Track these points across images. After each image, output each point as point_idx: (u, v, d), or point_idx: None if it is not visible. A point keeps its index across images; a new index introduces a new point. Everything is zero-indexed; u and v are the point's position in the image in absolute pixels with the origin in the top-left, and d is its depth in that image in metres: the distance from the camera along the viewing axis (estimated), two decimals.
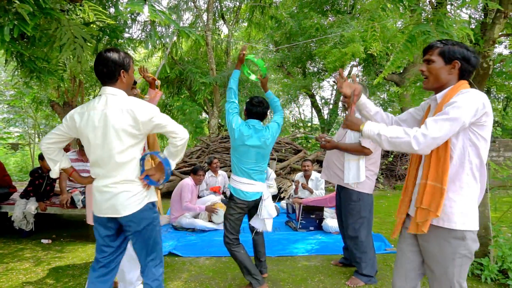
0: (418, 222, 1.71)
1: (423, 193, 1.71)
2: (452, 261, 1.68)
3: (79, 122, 2.01)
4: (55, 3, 2.79)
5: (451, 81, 1.76)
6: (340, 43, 8.89)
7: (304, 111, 29.59)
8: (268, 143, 2.92)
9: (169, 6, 11.32)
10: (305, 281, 3.24)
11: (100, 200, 2.04)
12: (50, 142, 2.09)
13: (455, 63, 1.72)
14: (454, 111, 1.60)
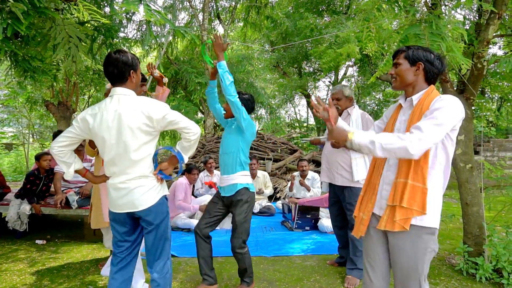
0: (396, 220, 1.73)
1: (402, 192, 1.74)
2: (423, 256, 1.75)
3: (92, 123, 2.06)
4: (49, 2, 2.77)
5: (417, 81, 1.88)
6: (336, 43, 8.90)
7: (300, 111, 29.59)
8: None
9: (165, 6, 11.28)
10: (301, 281, 3.24)
11: (116, 197, 2.12)
12: (61, 145, 2.13)
13: (419, 64, 1.85)
14: (444, 116, 1.68)
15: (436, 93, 1.82)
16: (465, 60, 2.61)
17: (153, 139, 2.14)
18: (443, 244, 4.30)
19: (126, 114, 2.02)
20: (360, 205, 1.99)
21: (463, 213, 3.48)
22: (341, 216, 3.43)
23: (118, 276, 2.22)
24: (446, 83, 3.38)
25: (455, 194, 7.77)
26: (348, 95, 3.34)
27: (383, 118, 2.10)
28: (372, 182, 1.96)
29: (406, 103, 1.91)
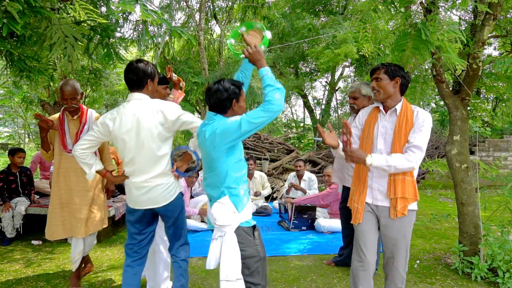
0: (398, 208, 2.17)
1: (400, 185, 2.17)
2: (409, 228, 2.26)
3: (112, 126, 2.23)
4: (45, 2, 2.76)
5: (395, 93, 2.24)
6: (333, 43, 8.92)
7: (296, 111, 29.68)
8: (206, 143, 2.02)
9: (161, 6, 11.26)
10: (298, 280, 3.24)
11: (137, 195, 2.29)
12: (83, 148, 2.31)
13: (397, 79, 2.22)
14: (427, 130, 2.17)
15: (408, 103, 2.26)
16: (460, 61, 2.63)
17: (169, 138, 2.32)
18: (438, 243, 4.32)
19: (144, 117, 2.19)
20: (353, 197, 2.36)
21: (459, 213, 3.50)
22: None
23: (134, 264, 2.43)
24: (442, 84, 3.40)
25: (451, 194, 7.81)
26: (366, 94, 3.21)
27: (357, 125, 2.41)
28: (361, 177, 2.32)
29: (390, 112, 2.26)
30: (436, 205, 6.88)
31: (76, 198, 2.94)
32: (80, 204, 2.94)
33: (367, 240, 2.33)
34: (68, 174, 2.94)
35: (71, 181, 2.94)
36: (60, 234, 2.95)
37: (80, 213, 2.93)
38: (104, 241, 4.40)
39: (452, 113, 3.44)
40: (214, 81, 2.06)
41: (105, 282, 3.20)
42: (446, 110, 11.03)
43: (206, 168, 2.13)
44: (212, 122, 2.02)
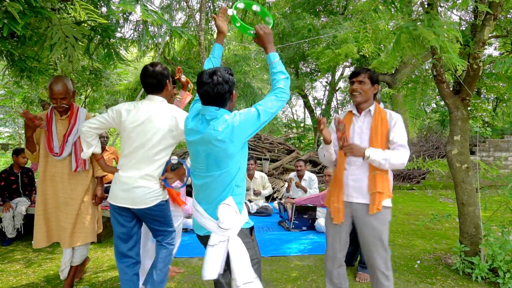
0: (376, 203, 2.26)
1: (377, 181, 2.28)
2: (384, 226, 2.31)
3: (126, 116, 2.28)
4: (45, 2, 2.76)
5: (371, 97, 2.40)
6: (333, 43, 8.92)
7: (297, 111, 29.68)
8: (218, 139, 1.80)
9: (162, 6, 11.27)
10: (298, 280, 3.24)
11: (118, 190, 2.30)
12: (91, 127, 2.35)
13: (376, 86, 2.40)
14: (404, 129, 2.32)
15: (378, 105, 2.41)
16: (460, 61, 2.62)
17: (171, 146, 2.35)
18: (439, 244, 4.32)
19: (157, 117, 2.25)
20: (332, 197, 2.45)
21: (459, 213, 3.50)
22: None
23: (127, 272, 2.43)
24: (442, 84, 3.39)
25: (451, 194, 7.81)
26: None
27: (332, 126, 2.52)
28: (338, 178, 2.42)
29: (364, 113, 2.41)
30: (436, 205, 6.87)
31: (61, 205, 2.76)
32: (66, 212, 2.75)
33: (341, 239, 2.45)
34: (54, 179, 2.76)
35: (57, 187, 2.76)
36: (43, 242, 2.78)
37: (66, 222, 2.74)
38: (105, 241, 4.40)
39: (453, 113, 3.44)
40: (209, 72, 1.83)
41: (106, 282, 3.20)
42: (446, 110, 11.00)
43: (209, 167, 1.87)
44: (219, 117, 1.83)
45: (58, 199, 2.76)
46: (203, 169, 1.91)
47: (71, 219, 2.75)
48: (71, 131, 2.75)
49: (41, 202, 2.78)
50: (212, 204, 1.91)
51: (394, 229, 4.97)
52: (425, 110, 13.83)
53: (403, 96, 3.61)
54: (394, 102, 9.15)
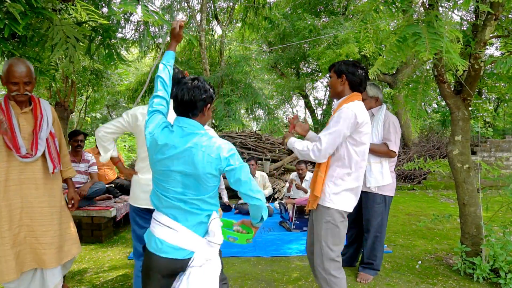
0: (310, 201, 2.37)
1: (314, 181, 2.35)
2: (321, 224, 2.31)
3: (141, 120, 2.30)
4: (46, 2, 2.76)
5: (344, 91, 2.33)
6: (334, 44, 8.92)
7: (297, 111, 29.62)
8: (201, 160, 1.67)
9: (163, 6, 11.27)
10: (299, 281, 3.24)
11: (139, 192, 2.32)
12: (107, 131, 2.37)
13: (343, 76, 2.31)
14: (335, 125, 2.22)
15: (351, 100, 2.27)
16: (462, 61, 2.62)
17: None
18: (440, 244, 4.31)
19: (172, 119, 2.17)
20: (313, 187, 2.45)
21: (461, 213, 3.49)
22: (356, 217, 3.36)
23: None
24: (443, 84, 3.39)
25: (453, 194, 7.80)
26: (373, 95, 3.26)
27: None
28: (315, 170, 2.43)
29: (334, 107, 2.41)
30: (437, 205, 6.86)
31: (38, 217, 2.25)
32: (46, 224, 2.28)
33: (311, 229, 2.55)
34: (24, 187, 2.22)
35: (30, 195, 2.24)
36: (12, 274, 2.14)
37: (46, 236, 2.26)
38: (106, 242, 4.40)
39: (454, 113, 3.43)
40: (192, 77, 1.78)
41: (107, 283, 3.20)
42: (447, 111, 10.99)
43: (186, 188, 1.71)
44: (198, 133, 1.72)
45: (32, 211, 2.24)
46: (178, 192, 1.71)
47: (55, 231, 2.31)
48: (40, 125, 2.30)
49: (4, 221, 2.14)
50: (198, 221, 1.74)
51: (395, 230, 4.96)
52: (426, 110, 13.82)
53: (404, 96, 3.60)
54: (395, 102, 9.15)
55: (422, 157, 6.89)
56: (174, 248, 1.69)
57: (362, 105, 2.30)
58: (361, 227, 3.36)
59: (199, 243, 1.71)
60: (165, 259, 1.69)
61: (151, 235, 1.77)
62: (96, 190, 4.53)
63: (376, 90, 3.29)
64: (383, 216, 3.23)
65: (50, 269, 2.30)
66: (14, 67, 2.19)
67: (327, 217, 2.30)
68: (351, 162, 2.27)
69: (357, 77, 2.29)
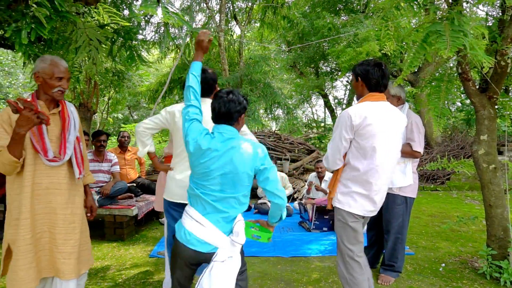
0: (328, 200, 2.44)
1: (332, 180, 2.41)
2: (337, 222, 2.37)
3: (179, 117, 2.42)
4: (71, 6, 2.84)
5: (363, 92, 2.32)
6: (354, 42, 8.80)
7: (317, 111, 29.44)
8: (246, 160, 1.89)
9: (182, 8, 11.40)
10: (319, 282, 3.21)
11: (174, 187, 2.41)
12: (146, 127, 2.49)
13: (358, 78, 2.32)
14: (334, 131, 2.32)
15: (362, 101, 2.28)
16: (487, 58, 2.54)
17: None
18: (465, 247, 4.19)
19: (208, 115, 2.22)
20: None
21: (487, 215, 3.39)
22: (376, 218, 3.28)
23: None
24: (468, 82, 3.29)
25: (478, 195, 7.57)
26: (395, 94, 3.18)
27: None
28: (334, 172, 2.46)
29: None
30: (462, 207, 6.67)
31: (61, 224, 2.13)
32: (67, 232, 2.15)
33: None
34: (50, 192, 2.11)
35: (55, 201, 2.12)
36: (32, 282, 2.04)
37: (67, 245, 2.13)
38: (127, 240, 4.48)
39: (479, 112, 3.34)
40: (227, 90, 2.00)
41: (128, 280, 3.26)
42: (472, 109, 10.67)
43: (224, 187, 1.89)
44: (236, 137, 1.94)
45: (55, 218, 2.12)
46: (216, 190, 1.89)
47: (76, 240, 2.19)
48: (69, 128, 2.21)
49: (28, 227, 2.04)
50: (225, 220, 1.91)
51: (417, 231, 4.86)
52: (449, 108, 13.46)
53: (427, 94, 3.52)
54: (418, 101, 8.94)
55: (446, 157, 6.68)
56: (200, 241, 1.86)
57: (369, 106, 2.22)
58: (382, 228, 3.30)
59: (223, 240, 1.87)
60: (191, 250, 1.87)
61: (181, 226, 1.95)
62: (118, 189, 4.63)
63: (398, 89, 3.22)
64: (404, 218, 3.17)
65: (66, 280, 2.14)
66: (58, 62, 2.14)
67: (338, 216, 2.36)
68: (357, 164, 2.24)
69: (372, 77, 2.25)
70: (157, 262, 3.70)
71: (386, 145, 2.22)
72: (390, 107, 2.31)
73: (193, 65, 2.22)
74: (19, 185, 2.06)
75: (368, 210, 2.30)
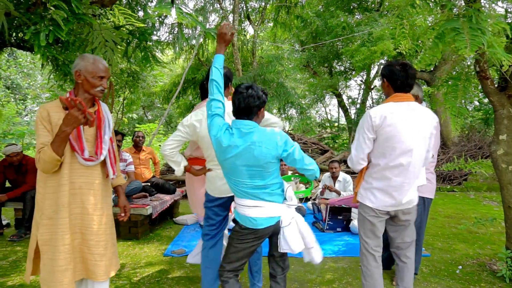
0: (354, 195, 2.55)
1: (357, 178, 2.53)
2: (358, 215, 2.52)
3: (199, 127, 2.49)
4: (87, 8, 2.89)
5: (390, 93, 2.37)
6: (369, 41, 8.71)
7: (330, 110, 29.27)
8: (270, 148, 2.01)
9: (196, 8, 11.46)
10: (333, 282, 3.19)
11: (220, 184, 2.52)
12: (171, 148, 2.53)
13: (384, 79, 2.38)
14: (357, 132, 2.39)
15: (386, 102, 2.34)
16: (507, 56, 2.48)
17: None
18: (483, 249, 4.10)
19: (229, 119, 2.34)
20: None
21: (506, 217, 3.31)
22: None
23: (211, 251, 2.63)
24: (486, 80, 3.22)
25: (496, 196, 7.40)
26: (413, 93, 3.10)
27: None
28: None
29: None
30: (480, 208, 6.54)
31: (94, 226, 2.08)
32: (99, 234, 2.10)
33: None
34: (84, 192, 2.07)
35: (88, 202, 2.07)
36: (68, 282, 1.99)
37: (99, 246, 2.09)
38: (142, 238, 4.54)
39: (498, 111, 3.26)
40: (246, 85, 2.07)
41: (143, 278, 3.30)
42: (490, 108, 10.43)
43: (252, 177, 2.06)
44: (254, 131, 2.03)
45: (88, 219, 2.07)
46: (245, 181, 2.08)
47: (107, 241, 2.15)
48: (104, 127, 2.19)
49: (67, 227, 2.00)
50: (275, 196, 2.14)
51: (433, 232, 4.78)
52: (467, 108, 13.20)
53: (443, 94, 3.45)
54: (434, 100, 8.79)
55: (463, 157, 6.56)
56: (266, 219, 2.11)
57: (391, 107, 2.27)
58: None
59: (281, 208, 2.15)
60: (262, 229, 2.13)
61: (244, 217, 2.15)
62: (133, 189, 4.69)
63: (416, 88, 3.16)
64: (422, 218, 3.12)
65: (99, 282, 2.11)
66: (100, 61, 2.11)
67: (359, 209, 2.50)
68: (377, 161, 2.34)
69: (397, 77, 2.30)
70: (171, 261, 3.73)
71: (408, 145, 2.25)
72: (416, 107, 2.32)
73: (215, 58, 2.22)
74: (55, 183, 2.01)
75: (388, 205, 2.36)
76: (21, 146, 4.77)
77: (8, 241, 4.36)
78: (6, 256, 3.85)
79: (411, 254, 2.55)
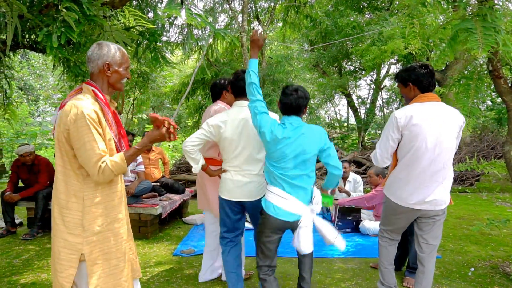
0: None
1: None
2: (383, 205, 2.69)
3: (224, 128, 2.55)
4: (98, 10, 2.92)
5: (415, 95, 2.46)
6: (379, 40, 8.63)
7: (340, 110, 29.06)
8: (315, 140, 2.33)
9: (205, 9, 11.50)
10: (342, 283, 3.17)
11: (233, 187, 2.58)
12: (194, 145, 2.57)
13: (409, 83, 2.47)
14: (383, 132, 2.49)
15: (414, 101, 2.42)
16: None
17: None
18: (496, 251, 4.04)
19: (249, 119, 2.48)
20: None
21: None
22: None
23: (229, 254, 2.71)
24: (499, 80, 3.17)
25: (510, 197, 7.28)
26: None
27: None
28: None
29: None
30: (492, 209, 6.43)
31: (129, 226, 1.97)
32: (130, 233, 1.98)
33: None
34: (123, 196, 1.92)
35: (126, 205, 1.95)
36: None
37: (133, 244, 1.99)
38: (151, 238, 4.57)
39: (511, 110, 3.21)
40: (294, 87, 2.37)
41: (153, 278, 3.32)
42: (503, 108, 10.27)
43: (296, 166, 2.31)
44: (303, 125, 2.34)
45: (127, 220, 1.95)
46: (291, 168, 2.31)
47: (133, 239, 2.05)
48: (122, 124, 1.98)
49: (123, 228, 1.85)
50: (303, 193, 2.36)
51: (444, 234, 4.71)
52: (479, 107, 13.01)
53: (455, 93, 3.41)
54: (445, 100, 8.67)
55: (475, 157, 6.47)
56: (287, 213, 2.30)
57: (417, 107, 2.35)
58: (407, 231, 3.22)
59: (305, 209, 2.34)
60: (280, 220, 2.31)
61: (268, 203, 2.34)
62: (142, 188, 4.72)
63: None
64: None
65: (136, 280, 2.01)
66: (121, 48, 1.88)
67: (384, 199, 2.65)
68: (402, 160, 2.43)
69: (424, 79, 2.40)
70: (180, 261, 3.75)
71: (434, 145, 2.31)
72: (442, 107, 2.38)
73: (250, 63, 2.46)
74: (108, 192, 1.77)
75: (410, 203, 2.43)
76: (33, 146, 4.85)
77: (21, 240, 4.43)
78: (19, 254, 3.91)
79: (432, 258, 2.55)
